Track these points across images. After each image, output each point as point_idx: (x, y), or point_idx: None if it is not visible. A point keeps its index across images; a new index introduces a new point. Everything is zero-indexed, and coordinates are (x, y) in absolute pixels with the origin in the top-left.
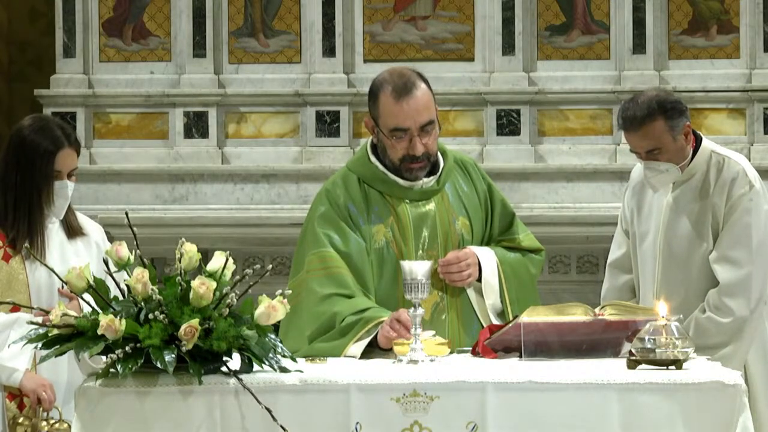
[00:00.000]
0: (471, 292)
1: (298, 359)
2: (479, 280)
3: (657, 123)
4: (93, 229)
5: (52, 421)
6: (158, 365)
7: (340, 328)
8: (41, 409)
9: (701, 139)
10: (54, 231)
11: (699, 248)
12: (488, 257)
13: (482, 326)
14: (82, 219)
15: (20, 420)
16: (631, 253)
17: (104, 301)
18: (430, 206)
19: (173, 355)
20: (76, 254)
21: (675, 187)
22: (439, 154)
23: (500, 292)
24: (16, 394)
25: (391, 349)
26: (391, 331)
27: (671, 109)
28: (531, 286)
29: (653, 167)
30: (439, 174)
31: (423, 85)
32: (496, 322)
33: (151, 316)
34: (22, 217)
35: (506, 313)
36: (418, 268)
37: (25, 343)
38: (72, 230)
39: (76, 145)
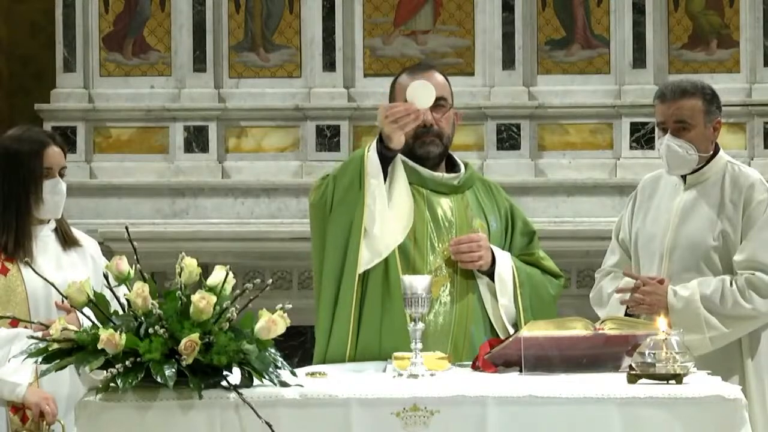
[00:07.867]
0: (485, 292)
1: (298, 373)
2: (492, 279)
3: (696, 100)
4: (88, 242)
5: None
6: (158, 379)
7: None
8: (44, 422)
9: (718, 148)
10: (50, 241)
11: (707, 249)
12: (504, 255)
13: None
14: (77, 233)
15: None
16: (632, 257)
17: (104, 316)
18: (449, 201)
19: (173, 370)
20: (71, 265)
21: (687, 188)
22: (461, 163)
23: (514, 296)
24: (20, 407)
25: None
26: (390, 116)
27: (711, 96)
28: (550, 305)
29: (677, 143)
30: (460, 174)
31: (440, 75)
32: (510, 329)
33: (151, 330)
34: (10, 221)
35: (519, 320)
36: (418, 283)
37: (25, 358)
38: (68, 240)
39: (61, 144)
